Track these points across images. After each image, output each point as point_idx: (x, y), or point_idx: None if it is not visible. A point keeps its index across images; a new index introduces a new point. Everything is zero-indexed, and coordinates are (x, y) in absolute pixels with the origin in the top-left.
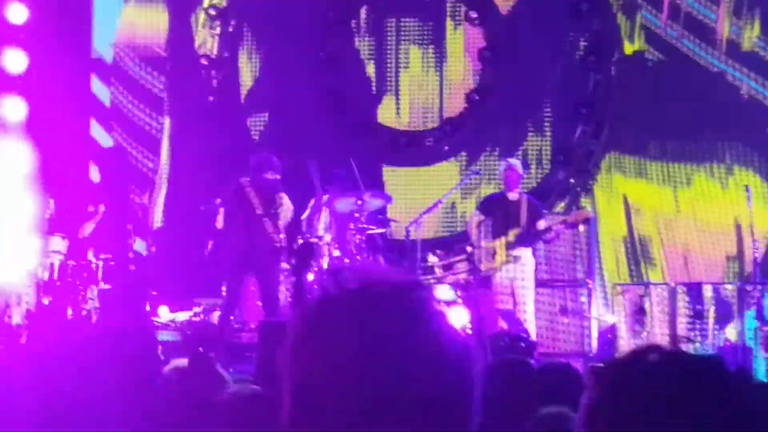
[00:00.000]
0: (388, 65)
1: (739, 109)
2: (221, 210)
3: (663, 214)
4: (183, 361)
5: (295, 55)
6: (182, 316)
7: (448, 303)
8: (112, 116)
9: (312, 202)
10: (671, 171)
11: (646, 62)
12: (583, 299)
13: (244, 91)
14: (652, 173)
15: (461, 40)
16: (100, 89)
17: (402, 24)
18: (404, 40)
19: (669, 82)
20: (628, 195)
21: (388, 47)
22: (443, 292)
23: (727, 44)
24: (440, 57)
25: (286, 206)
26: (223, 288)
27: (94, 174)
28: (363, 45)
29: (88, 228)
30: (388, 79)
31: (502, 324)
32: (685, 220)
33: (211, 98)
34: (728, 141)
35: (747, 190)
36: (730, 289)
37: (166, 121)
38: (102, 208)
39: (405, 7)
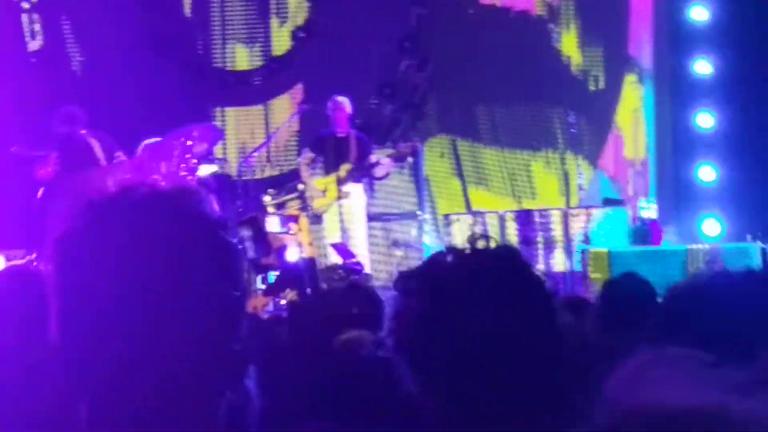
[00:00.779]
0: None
1: (566, 70)
2: (52, 156)
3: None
4: None
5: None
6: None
7: (278, 234)
8: None
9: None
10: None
11: (467, 9)
12: (414, 231)
13: (68, 38)
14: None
15: None
16: None
17: None
18: None
19: (491, 35)
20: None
21: None
22: (273, 224)
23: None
24: None
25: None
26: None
27: None
28: None
29: None
30: (213, 20)
31: (336, 257)
32: None
33: (33, 42)
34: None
35: (568, 114)
36: (557, 215)
37: None
38: None
39: None
